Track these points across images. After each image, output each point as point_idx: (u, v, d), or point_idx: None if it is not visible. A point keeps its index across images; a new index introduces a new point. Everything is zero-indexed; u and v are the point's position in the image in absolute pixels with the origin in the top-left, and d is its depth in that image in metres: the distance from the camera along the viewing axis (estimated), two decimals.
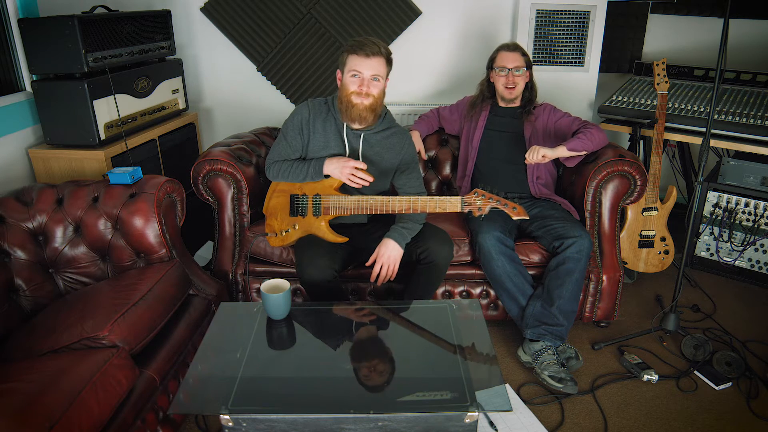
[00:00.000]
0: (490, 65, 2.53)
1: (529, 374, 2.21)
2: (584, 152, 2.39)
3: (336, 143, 2.13)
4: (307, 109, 2.14)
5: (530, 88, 2.53)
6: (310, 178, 2.09)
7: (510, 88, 2.47)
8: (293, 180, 2.12)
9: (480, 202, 1.96)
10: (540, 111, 2.54)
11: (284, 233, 2.19)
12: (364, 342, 1.78)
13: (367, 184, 2.03)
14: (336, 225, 2.16)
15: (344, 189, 2.14)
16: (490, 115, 2.56)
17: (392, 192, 2.26)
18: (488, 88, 2.56)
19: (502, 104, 2.56)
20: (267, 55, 3.22)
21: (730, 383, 2.13)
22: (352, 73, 2.01)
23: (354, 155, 2.13)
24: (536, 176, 2.50)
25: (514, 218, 1.97)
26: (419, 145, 2.70)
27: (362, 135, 2.13)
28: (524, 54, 2.47)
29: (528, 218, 2.00)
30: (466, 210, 1.99)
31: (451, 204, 1.99)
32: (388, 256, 2.06)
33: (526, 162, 2.34)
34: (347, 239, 2.12)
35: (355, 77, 2.01)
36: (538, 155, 2.28)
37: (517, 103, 2.54)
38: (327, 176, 2.08)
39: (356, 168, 2.02)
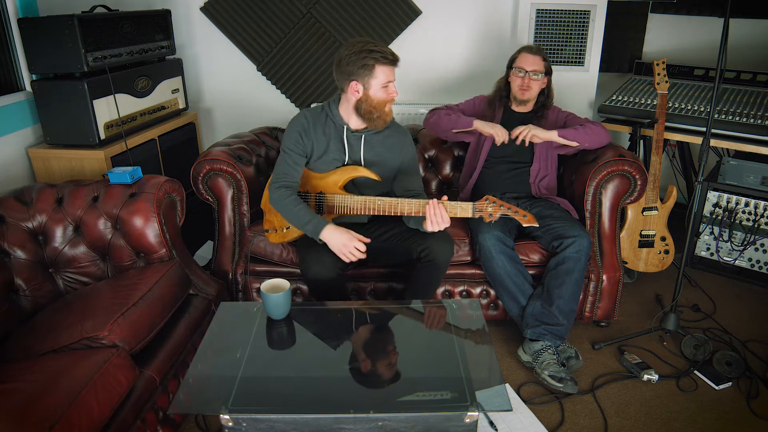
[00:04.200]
0: (510, 64, 2.51)
1: (529, 374, 2.21)
2: (576, 144, 2.38)
3: (337, 147, 2.11)
4: (304, 118, 2.10)
5: (546, 94, 2.51)
6: (306, 232, 2.03)
7: (524, 89, 2.45)
8: (290, 221, 2.08)
9: (491, 209, 1.96)
10: (549, 113, 2.54)
11: (285, 230, 2.19)
12: (364, 342, 1.78)
13: (363, 257, 2.00)
14: (335, 224, 2.16)
15: (349, 188, 2.13)
16: (503, 118, 2.55)
17: (393, 192, 2.26)
18: (505, 87, 2.55)
19: (514, 107, 2.54)
20: (267, 55, 3.22)
21: (730, 383, 2.13)
22: (385, 83, 2.00)
23: (355, 158, 2.12)
24: (542, 176, 2.49)
25: (525, 225, 1.98)
26: (495, 127, 2.45)
27: (363, 136, 2.12)
28: (545, 59, 2.45)
29: (537, 225, 2.01)
30: (477, 216, 1.99)
31: (462, 209, 1.99)
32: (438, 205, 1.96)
33: (512, 136, 2.36)
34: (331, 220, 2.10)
35: (386, 87, 2.01)
36: (529, 133, 2.32)
37: (529, 107, 2.53)
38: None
39: (356, 248, 1.97)
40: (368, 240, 2.00)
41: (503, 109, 2.56)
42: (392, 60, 1.99)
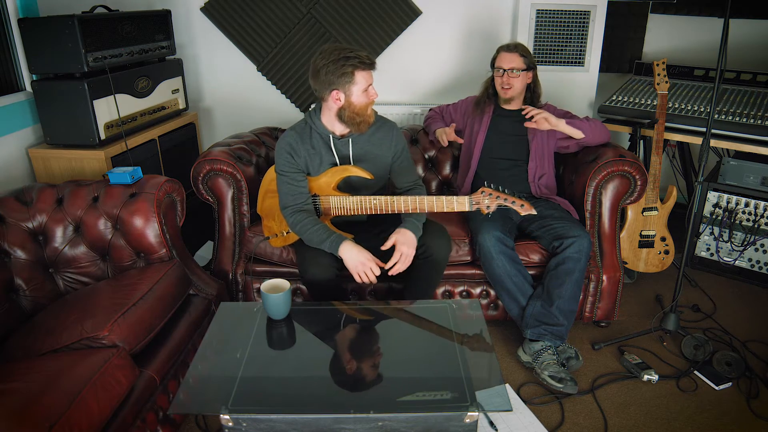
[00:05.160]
0: (492, 64, 2.53)
1: (529, 374, 2.21)
2: (580, 137, 2.40)
3: (327, 156, 2.10)
4: (290, 137, 2.08)
5: (532, 89, 2.52)
6: (326, 249, 2.03)
7: (505, 88, 2.46)
8: (309, 242, 2.05)
9: (488, 201, 1.96)
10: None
11: (285, 234, 2.19)
12: (364, 342, 1.78)
13: (374, 281, 2.01)
14: (334, 223, 2.16)
15: (343, 188, 2.13)
16: (493, 116, 2.56)
17: (390, 185, 2.26)
18: (492, 87, 2.56)
19: (503, 105, 2.55)
20: (267, 55, 3.22)
21: (730, 383, 2.13)
22: (366, 87, 1.98)
23: (345, 162, 2.12)
24: (539, 174, 2.49)
25: (522, 214, 1.97)
26: (453, 135, 2.67)
27: (350, 140, 2.10)
28: (524, 55, 2.45)
29: (536, 213, 2.00)
30: (474, 208, 1.98)
31: (459, 203, 1.99)
32: (407, 245, 2.01)
33: (524, 113, 2.38)
34: (352, 236, 2.10)
35: (366, 91, 1.98)
36: (540, 115, 2.34)
37: (518, 105, 2.54)
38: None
39: (372, 269, 1.98)
40: (384, 265, 2.00)
41: (493, 108, 2.57)
42: (369, 63, 1.96)
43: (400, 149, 2.19)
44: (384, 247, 2.05)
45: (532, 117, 2.37)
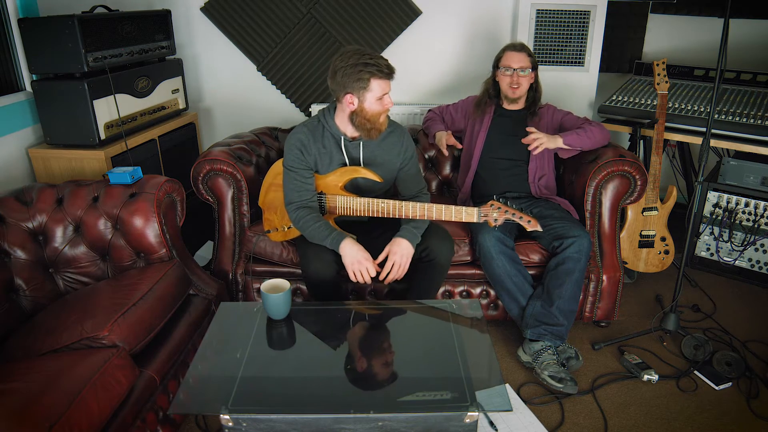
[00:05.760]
0: (496, 64, 2.52)
1: (529, 374, 2.21)
2: (579, 148, 2.39)
3: (338, 156, 2.10)
4: (302, 134, 2.08)
5: (535, 89, 2.52)
6: (327, 245, 2.03)
7: (514, 87, 2.46)
8: (311, 238, 2.05)
9: (496, 214, 1.98)
10: (543, 112, 2.55)
11: (287, 228, 2.19)
12: (364, 342, 1.78)
13: (369, 282, 2.02)
14: (336, 222, 2.16)
15: (349, 189, 2.13)
16: (494, 117, 2.56)
17: (395, 189, 2.26)
18: (493, 87, 2.56)
19: (506, 105, 2.55)
20: (267, 55, 3.22)
21: (730, 383, 2.13)
22: (381, 96, 1.96)
23: (355, 162, 2.12)
24: (539, 175, 2.50)
25: (529, 230, 1.99)
26: (452, 140, 2.67)
27: (361, 143, 2.11)
28: (530, 55, 2.46)
29: (541, 230, 2.01)
30: (482, 220, 2.01)
31: (468, 214, 2.00)
32: (401, 254, 2.02)
33: (523, 141, 2.38)
34: (355, 237, 2.10)
35: (381, 99, 1.97)
36: (539, 141, 2.35)
37: (521, 105, 2.54)
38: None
39: (368, 270, 1.99)
40: (379, 270, 2.01)
41: (494, 108, 2.57)
42: (388, 73, 1.95)
43: (409, 156, 2.19)
44: (378, 260, 2.04)
45: (533, 146, 2.37)
